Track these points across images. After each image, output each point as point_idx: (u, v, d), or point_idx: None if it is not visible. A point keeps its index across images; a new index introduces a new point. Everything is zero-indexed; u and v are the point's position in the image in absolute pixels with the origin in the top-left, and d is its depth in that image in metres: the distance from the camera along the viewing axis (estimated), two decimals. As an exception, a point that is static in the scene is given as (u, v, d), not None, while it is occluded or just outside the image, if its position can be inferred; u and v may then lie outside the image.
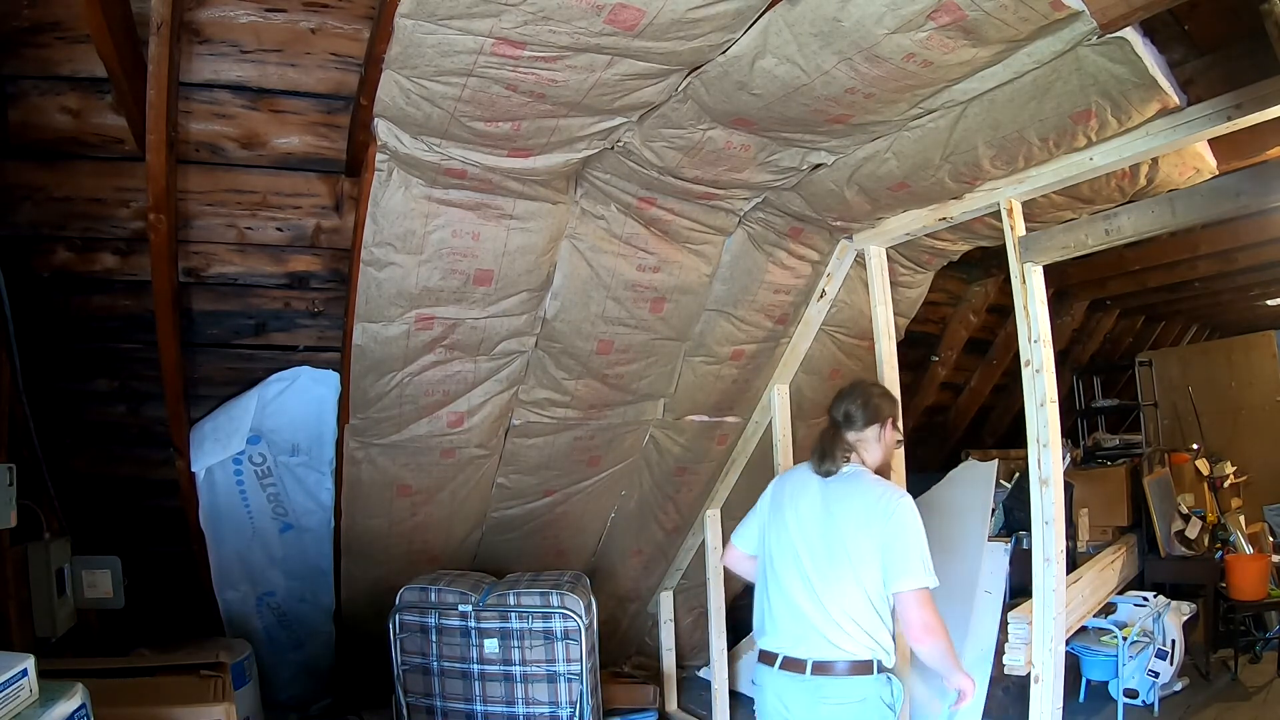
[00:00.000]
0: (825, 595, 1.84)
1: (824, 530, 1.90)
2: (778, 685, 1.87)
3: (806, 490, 1.98)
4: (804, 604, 1.86)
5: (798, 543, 1.92)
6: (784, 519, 1.98)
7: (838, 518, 1.89)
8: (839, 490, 1.93)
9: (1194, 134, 2.08)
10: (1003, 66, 1.89)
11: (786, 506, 1.99)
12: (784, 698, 1.86)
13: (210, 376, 2.70)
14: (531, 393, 2.87)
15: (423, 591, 2.81)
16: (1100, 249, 2.45)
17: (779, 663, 1.87)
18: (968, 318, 4.60)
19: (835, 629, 1.81)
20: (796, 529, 1.94)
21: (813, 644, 1.83)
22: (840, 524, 1.88)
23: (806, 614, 1.85)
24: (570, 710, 2.74)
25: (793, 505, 1.98)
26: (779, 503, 2.03)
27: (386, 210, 2.18)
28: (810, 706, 1.82)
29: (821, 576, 1.86)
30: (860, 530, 1.84)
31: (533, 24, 1.62)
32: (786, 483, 2.07)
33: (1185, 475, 4.75)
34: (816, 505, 1.94)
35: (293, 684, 3.34)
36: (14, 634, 2.30)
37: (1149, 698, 3.45)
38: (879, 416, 2.00)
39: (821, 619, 1.83)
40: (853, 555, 1.83)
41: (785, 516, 1.98)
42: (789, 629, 1.88)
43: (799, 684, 1.83)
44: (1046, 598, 2.33)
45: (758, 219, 2.80)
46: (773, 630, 1.92)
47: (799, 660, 1.83)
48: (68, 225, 2.24)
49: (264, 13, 2.02)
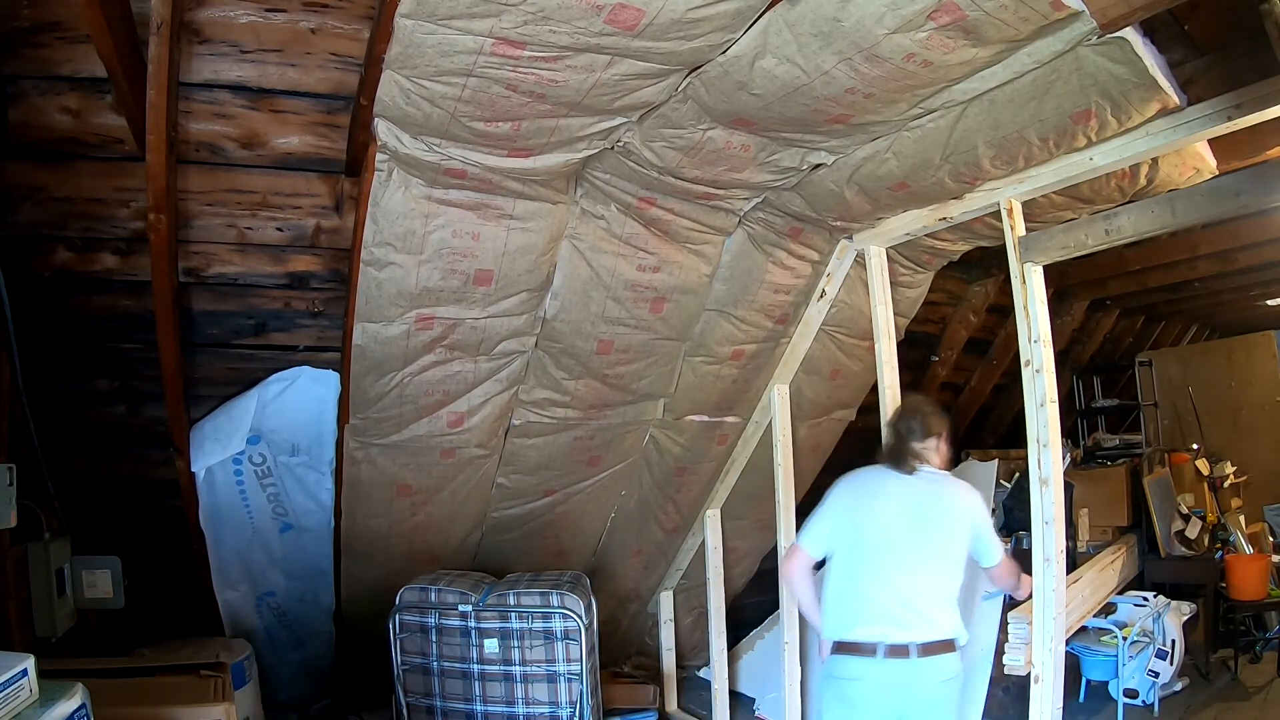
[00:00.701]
0: (926, 581, 1.99)
1: (918, 521, 2.04)
2: (882, 674, 1.94)
3: (887, 488, 2.11)
4: (906, 590, 1.98)
5: (896, 534, 2.03)
6: (873, 513, 2.08)
7: (931, 510, 2.07)
8: (925, 487, 2.11)
9: (1194, 134, 2.09)
10: (1003, 66, 1.90)
11: (872, 502, 2.10)
12: (890, 684, 1.94)
13: (210, 376, 2.70)
14: (531, 393, 2.86)
15: (423, 591, 2.81)
16: (1100, 249, 2.45)
17: (882, 651, 1.93)
18: (968, 318, 4.60)
19: (938, 611, 1.97)
20: (892, 521, 2.05)
21: (917, 628, 1.94)
22: (935, 515, 2.06)
23: (909, 600, 1.97)
24: (570, 710, 2.74)
25: (880, 501, 2.10)
26: (858, 501, 2.12)
27: (386, 210, 2.18)
28: (919, 689, 1.93)
29: (922, 564, 2.01)
30: (956, 520, 2.06)
31: (533, 24, 1.62)
32: (859, 483, 2.18)
33: (1185, 475, 4.75)
34: (906, 500, 2.08)
35: (293, 684, 3.34)
36: (14, 634, 2.30)
37: (1149, 698, 3.45)
38: (933, 431, 2.19)
39: (924, 603, 1.97)
40: (948, 542, 2.03)
41: (874, 510, 2.08)
42: (890, 616, 1.96)
43: (907, 668, 1.92)
44: (1046, 598, 2.33)
45: (758, 219, 2.80)
46: (869, 619, 1.98)
47: (903, 645, 1.93)
48: (68, 225, 2.24)
49: (264, 13, 2.01)
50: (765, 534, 3.83)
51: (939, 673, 1.94)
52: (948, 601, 1.99)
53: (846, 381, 3.63)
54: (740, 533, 3.86)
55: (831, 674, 2.03)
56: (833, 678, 2.03)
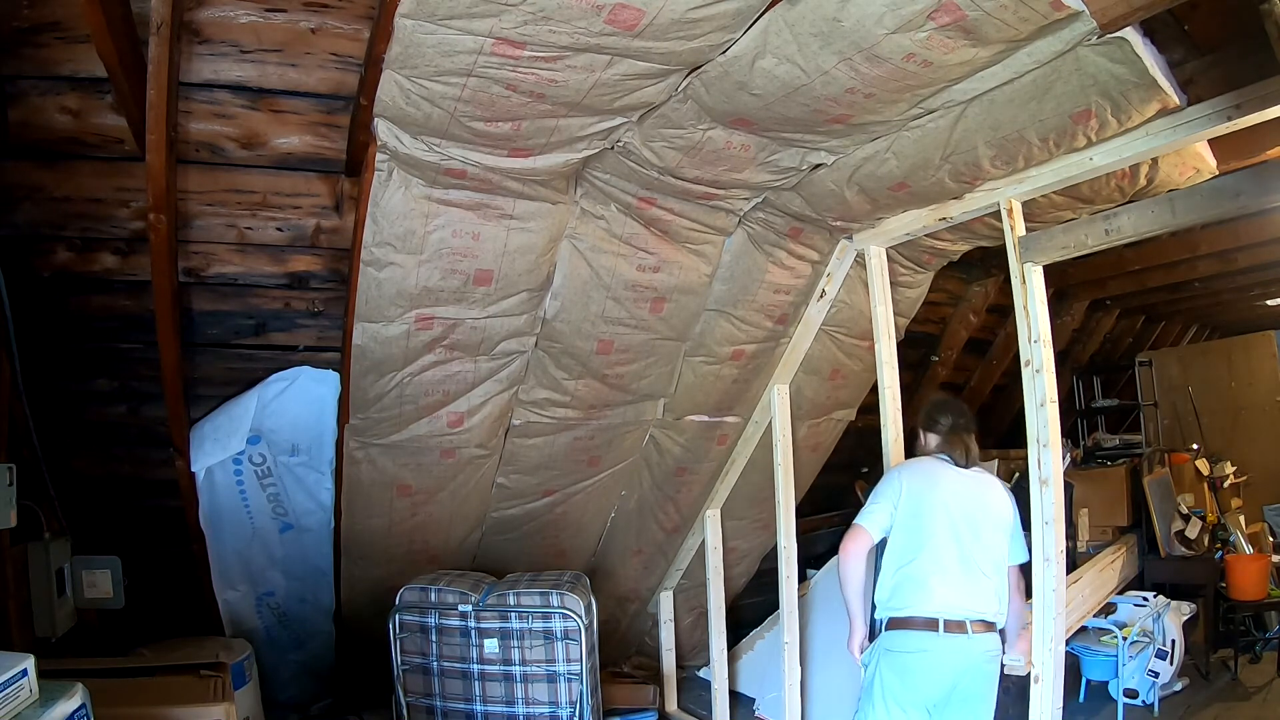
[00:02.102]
0: (981, 565, 2.15)
1: (973, 512, 2.20)
2: (943, 646, 2.08)
3: (947, 477, 2.26)
4: (962, 573, 2.13)
5: (955, 522, 2.17)
6: (935, 501, 2.20)
7: (983, 502, 2.24)
8: (977, 480, 2.30)
9: (1194, 134, 2.09)
10: (1003, 66, 1.89)
11: (934, 492, 2.22)
12: (949, 657, 2.08)
13: (210, 376, 2.70)
14: (531, 393, 2.86)
15: (423, 591, 2.81)
16: (1100, 249, 2.45)
17: (942, 626, 2.08)
18: (968, 318, 4.60)
19: (987, 594, 2.14)
20: (952, 510, 2.18)
21: (972, 607, 2.11)
22: (986, 507, 2.23)
23: (965, 582, 2.12)
24: (570, 710, 2.74)
25: (940, 490, 2.23)
26: (920, 489, 2.23)
27: (386, 210, 2.18)
28: (972, 661, 2.09)
29: (978, 550, 2.16)
30: (1000, 514, 2.24)
31: (533, 24, 1.62)
32: (920, 470, 2.31)
33: (1185, 475, 4.75)
34: (963, 490, 2.24)
35: (293, 684, 3.34)
36: (14, 634, 2.30)
37: (1149, 698, 3.45)
38: (973, 427, 2.41)
39: (977, 586, 2.13)
40: (995, 533, 2.21)
41: (936, 499, 2.20)
42: (950, 595, 2.11)
43: (965, 643, 2.08)
44: (1046, 598, 2.33)
45: (758, 219, 2.80)
46: (932, 598, 2.11)
47: (960, 621, 2.09)
48: (68, 225, 2.24)
49: (264, 13, 2.01)
50: (765, 534, 3.83)
51: (988, 648, 2.12)
52: (995, 586, 2.16)
53: (846, 381, 3.63)
54: (740, 533, 3.86)
55: (890, 648, 2.13)
56: (891, 651, 2.12)
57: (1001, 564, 2.21)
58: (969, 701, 2.10)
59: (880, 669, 2.13)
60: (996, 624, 2.15)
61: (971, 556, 2.14)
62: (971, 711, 2.12)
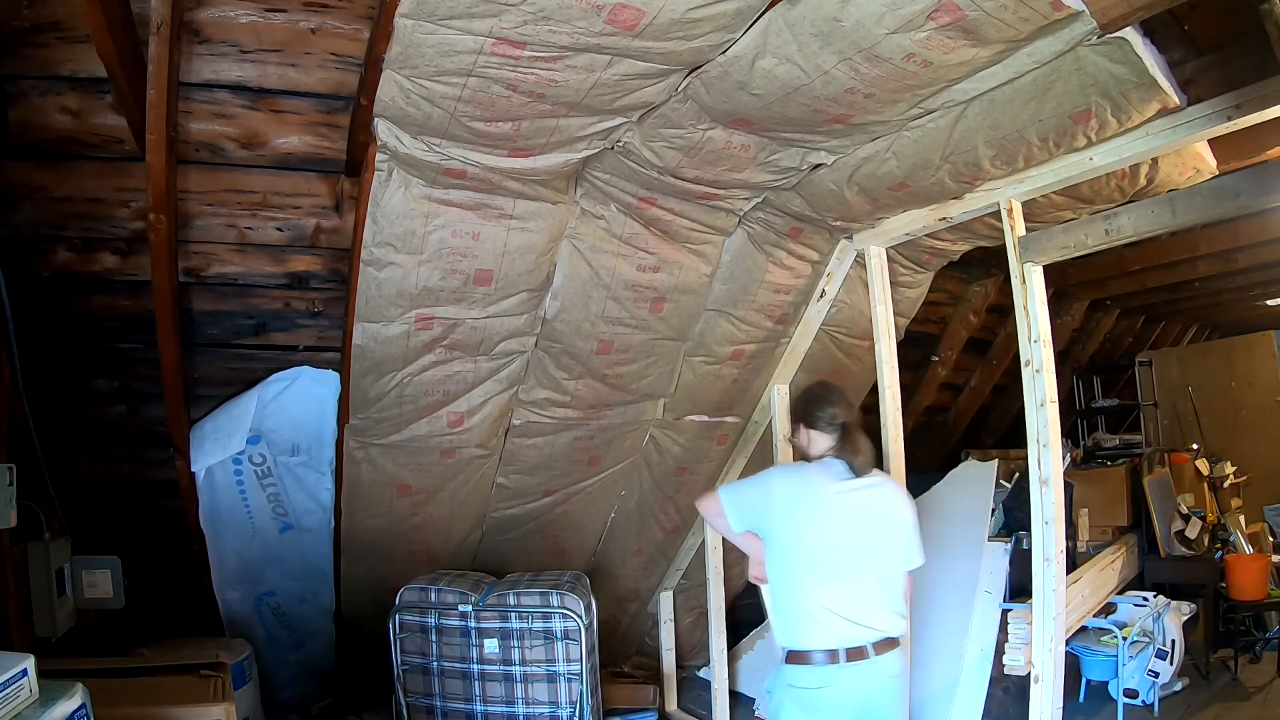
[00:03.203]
0: (880, 584, 1.96)
1: (871, 528, 1.99)
2: (845, 677, 1.90)
3: (833, 495, 1.98)
4: (861, 596, 1.93)
5: (850, 543, 1.95)
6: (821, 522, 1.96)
7: (881, 517, 2.01)
8: (874, 491, 2.03)
9: (1194, 134, 2.09)
10: (1003, 66, 1.89)
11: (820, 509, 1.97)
12: (853, 685, 1.90)
13: (210, 376, 2.70)
14: (531, 393, 2.86)
15: (423, 591, 2.81)
16: (1100, 249, 2.46)
17: (843, 656, 1.89)
18: (968, 318, 4.60)
19: (890, 611, 1.96)
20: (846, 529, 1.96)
21: (873, 628, 1.91)
22: (885, 522, 2.01)
23: (861, 604, 1.92)
24: (570, 710, 2.74)
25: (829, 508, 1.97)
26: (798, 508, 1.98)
27: (386, 210, 2.18)
28: (878, 685, 1.92)
29: (876, 568, 1.96)
30: (900, 525, 2.03)
31: (533, 24, 1.62)
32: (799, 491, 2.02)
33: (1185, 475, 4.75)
34: (859, 507, 1.98)
35: (293, 684, 3.34)
36: (14, 634, 2.30)
37: (1149, 698, 3.45)
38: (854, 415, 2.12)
39: (874, 604, 1.94)
40: (895, 547, 2.01)
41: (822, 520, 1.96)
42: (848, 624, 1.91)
43: (867, 668, 1.90)
44: (1046, 598, 2.34)
45: (758, 219, 2.80)
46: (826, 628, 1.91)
47: (860, 648, 1.90)
48: (68, 225, 2.24)
49: (264, 13, 2.01)
50: (765, 534, 3.83)
51: (892, 668, 1.94)
52: (894, 603, 1.97)
53: (846, 381, 3.62)
54: (740, 533, 3.85)
55: (792, 684, 1.95)
56: (794, 687, 1.94)
57: (901, 576, 2.01)
58: (887, 708, 1.96)
59: (785, 703, 1.97)
60: (899, 635, 1.97)
61: (868, 577, 1.95)
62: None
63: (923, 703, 3.02)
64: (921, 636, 3.07)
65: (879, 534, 1.99)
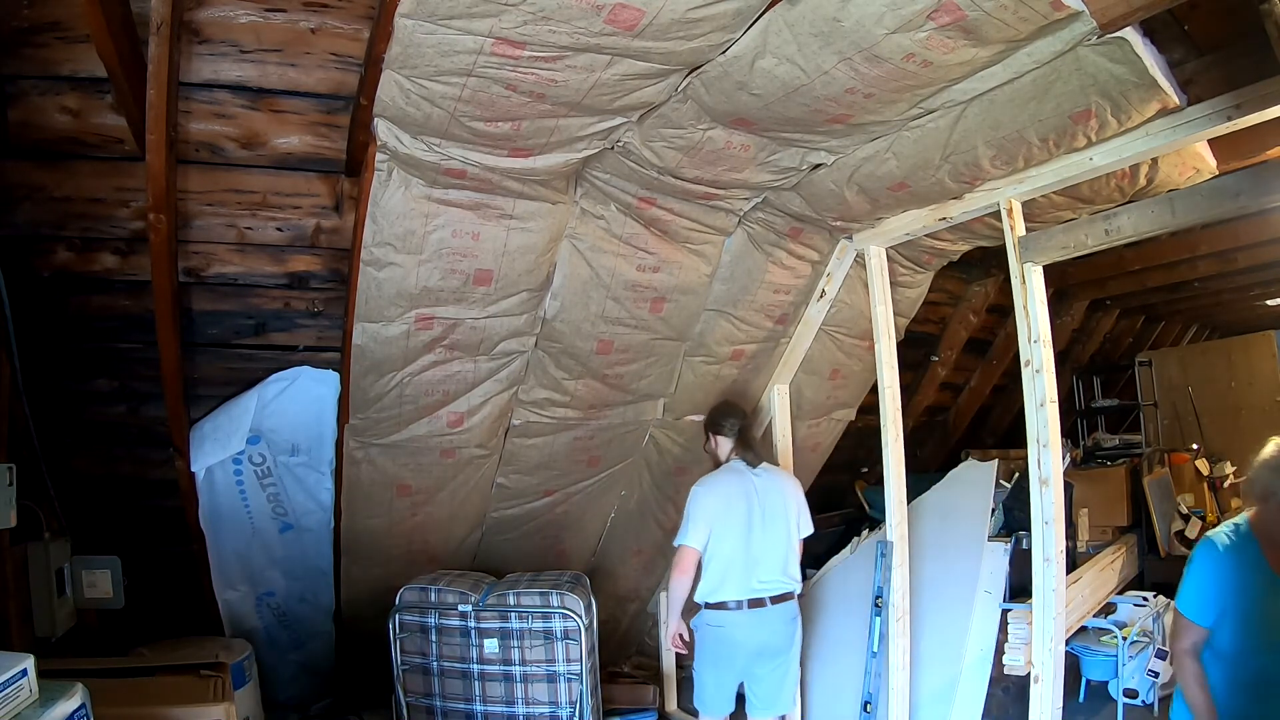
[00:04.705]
0: (775, 549, 2.64)
1: (766, 507, 2.67)
2: (749, 619, 2.59)
3: (739, 485, 2.69)
4: (761, 559, 2.62)
5: (753, 519, 2.64)
6: (733, 506, 2.64)
7: (773, 497, 2.69)
8: (767, 478, 2.74)
9: (1194, 134, 2.09)
10: (1002, 66, 1.90)
11: (732, 497, 2.66)
12: (754, 626, 2.59)
13: (210, 376, 2.70)
14: (531, 393, 2.86)
15: (423, 591, 2.81)
16: (1100, 249, 2.46)
17: (747, 604, 2.58)
18: (968, 318, 4.60)
19: (783, 570, 2.65)
20: (750, 509, 2.64)
21: (770, 584, 2.62)
22: (776, 500, 2.69)
23: (763, 566, 2.62)
24: (570, 710, 2.74)
25: (737, 495, 2.66)
26: (720, 502, 2.65)
27: (386, 210, 2.18)
28: (773, 627, 2.62)
29: (772, 537, 2.65)
30: (789, 502, 2.73)
31: (533, 24, 1.62)
32: (717, 489, 2.69)
33: (1185, 475, 4.75)
34: (757, 491, 2.68)
35: (293, 684, 3.34)
36: (14, 634, 2.30)
37: (1149, 698, 3.45)
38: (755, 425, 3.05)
39: (773, 566, 2.63)
40: (786, 520, 2.70)
41: (734, 504, 2.64)
42: (752, 579, 2.60)
43: (765, 613, 2.60)
44: (1046, 598, 2.34)
45: (758, 219, 2.80)
46: (738, 582, 2.59)
47: (760, 598, 2.60)
48: (68, 225, 2.24)
49: (264, 13, 2.01)
50: (765, 534, 3.83)
51: (786, 615, 2.64)
52: (788, 564, 2.66)
53: (846, 381, 3.63)
54: (740, 533, 3.86)
55: (710, 624, 2.62)
56: (711, 626, 2.62)
57: (793, 543, 2.70)
58: (776, 655, 2.63)
59: (705, 640, 2.64)
60: (794, 590, 2.66)
61: (766, 544, 2.63)
62: (779, 662, 2.65)
63: (923, 703, 3.02)
64: (921, 636, 3.07)
65: (773, 511, 2.67)
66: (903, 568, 2.93)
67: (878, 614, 2.98)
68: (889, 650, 2.91)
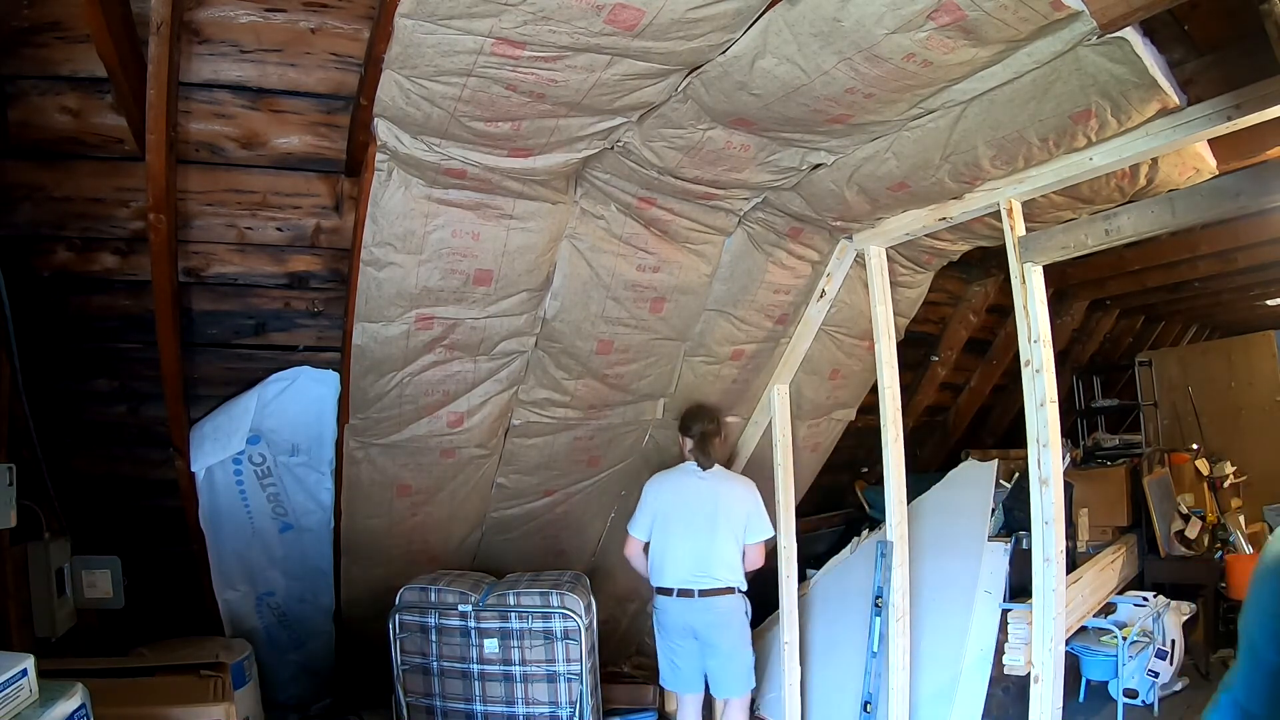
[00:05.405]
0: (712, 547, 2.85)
1: (708, 508, 2.87)
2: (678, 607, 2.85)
3: (684, 485, 2.94)
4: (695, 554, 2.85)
5: (694, 517, 2.86)
6: (676, 504, 2.90)
7: (715, 500, 2.89)
8: (714, 482, 2.94)
9: (1194, 134, 2.09)
10: (1002, 66, 1.89)
11: (676, 495, 2.93)
12: (682, 613, 2.86)
13: (210, 376, 2.70)
14: (531, 393, 2.86)
15: (422, 591, 2.81)
16: (1100, 249, 2.46)
17: (676, 593, 2.85)
18: (968, 318, 4.60)
19: (719, 566, 2.86)
20: (691, 508, 2.88)
21: (702, 576, 2.84)
22: (718, 503, 2.89)
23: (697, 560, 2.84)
24: (570, 710, 2.74)
25: (681, 494, 2.92)
26: (666, 497, 2.94)
27: (386, 210, 2.18)
28: (704, 615, 2.84)
29: (710, 536, 2.85)
30: (734, 506, 2.90)
31: (533, 24, 1.62)
32: (664, 487, 2.96)
33: (1185, 475, 4.75)
34: (701, 492, 2.91)
35: (293, 684, 3.34)
36: (14, 634, 2.30)
37: (1149, 698, 3.45)
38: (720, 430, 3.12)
39: (707, 562, 2.85)
40: (728, 521, 2.88)
41: (677, 502, 2.91)
42: (684, 571, 2.85)
43: (693, 603, 2.84)
44: (1046, 598, 2.34)
45: (758, 219, 2.80)
46: (672, 573, 2.87)
47: (688, 590, 2.84)
48: (68, 225, 2.24)
49: (264, 13, 2.01)
50: (765, 534, 3.82)
51: (719, 607, 2.85)
52: (726, 561, 2.86)
53: (846, 381, 3.63)
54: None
55: (656, 607, 2.94)
56: (657, 609, 2.94)
57: (731, 543, 2.87)
58: (713, 635, 2.86)
59: (655, 617, 2.97)
60: (734, 586, 2.87)
61: (700, 541, 2.85)
62: (717, 644, 2.87)
63: (923, 703, 3.02)
64: (921, 636, 3.07)
65: (715, 512, 2.87)
66: (903, 568, 2.93)
67: (878, 614, 2.98)
68: (889, 650, 2.91)
